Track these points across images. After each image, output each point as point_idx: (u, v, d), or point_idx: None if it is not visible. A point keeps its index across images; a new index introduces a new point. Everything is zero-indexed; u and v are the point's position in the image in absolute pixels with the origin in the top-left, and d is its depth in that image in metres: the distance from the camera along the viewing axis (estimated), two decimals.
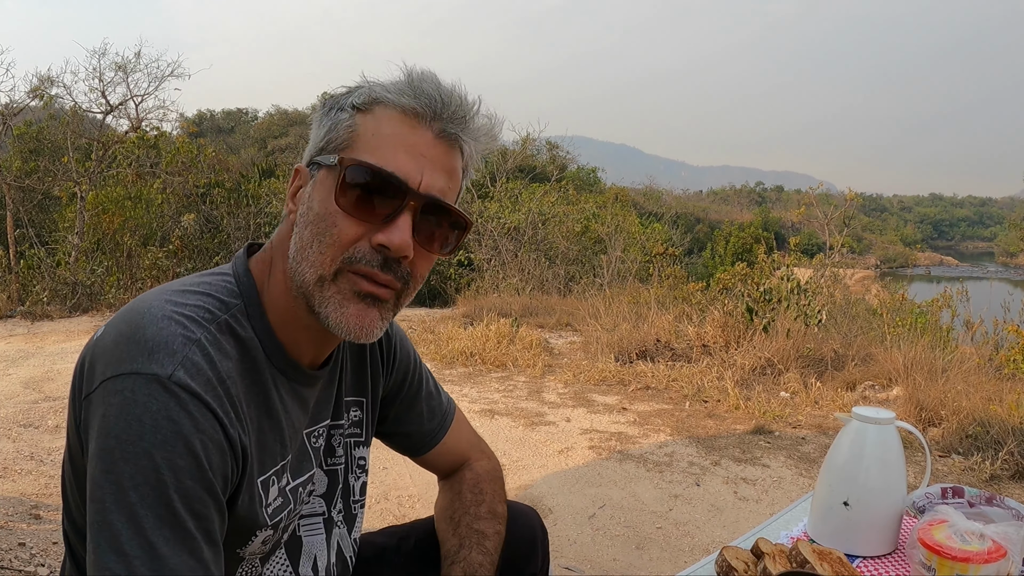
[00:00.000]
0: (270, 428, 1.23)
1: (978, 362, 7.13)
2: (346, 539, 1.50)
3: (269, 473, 1.24)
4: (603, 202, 21.51)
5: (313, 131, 1.25)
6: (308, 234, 1.17)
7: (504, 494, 1.67)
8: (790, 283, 8.73)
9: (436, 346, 8.88)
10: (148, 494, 0.99)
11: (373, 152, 1.16)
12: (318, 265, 1.16)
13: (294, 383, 1.28)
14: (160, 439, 1.01)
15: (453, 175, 1.22)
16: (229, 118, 58.29)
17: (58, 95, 14.99)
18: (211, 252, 16.29)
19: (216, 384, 1.09)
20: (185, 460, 1.02)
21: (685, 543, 4.13)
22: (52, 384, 7.13)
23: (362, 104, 1.19)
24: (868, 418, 1.72)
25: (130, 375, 1.03)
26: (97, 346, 1.11)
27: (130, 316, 1.11)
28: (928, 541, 1.53)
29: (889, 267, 44.53)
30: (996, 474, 4.94)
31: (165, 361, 1.04)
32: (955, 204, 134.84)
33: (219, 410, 1.08)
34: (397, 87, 1.19)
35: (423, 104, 1.17)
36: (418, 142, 1.17)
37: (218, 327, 1.15)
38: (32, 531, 3.95)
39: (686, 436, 5.83)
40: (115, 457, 1.00)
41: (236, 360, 1.16)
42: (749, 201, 74.12)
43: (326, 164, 1.18)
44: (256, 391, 1.20)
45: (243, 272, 1.26)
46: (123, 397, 1.02)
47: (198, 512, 1.04)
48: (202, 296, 1.18)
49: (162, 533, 0.99)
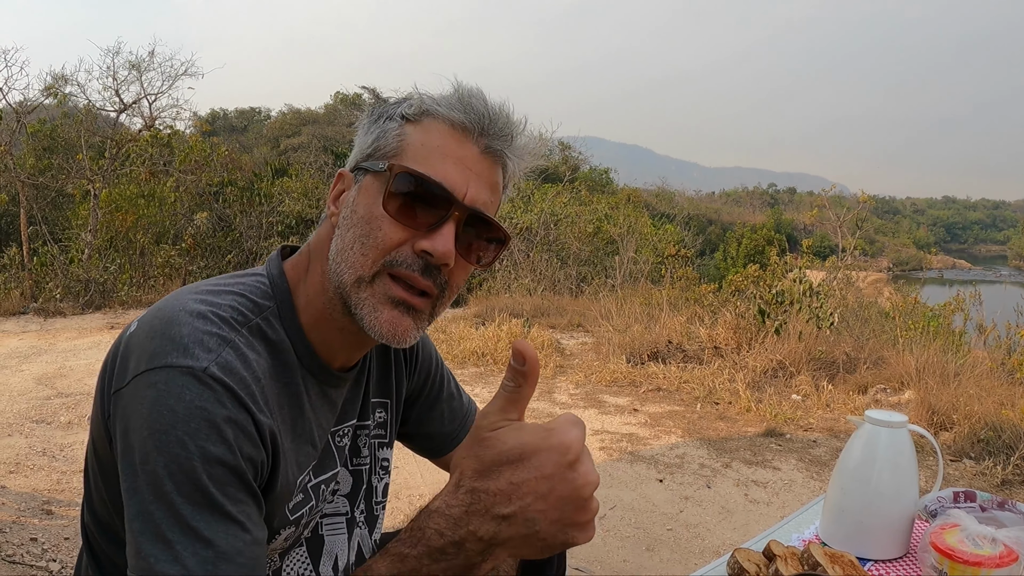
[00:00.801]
0: (302, 429, 1.24)
1: (990, 366, 7.11)
2: (367, 540, 1.50)
3: (305, 473, 1.25)
4: (615, 203, 21.51)
5: (360, 137, 1.26)
6: (351, 236, 1.18)
7: None
8: (802, 285, 8.72)
9: (448, 346, 8.89)
10: (183, 481, 0.99)
11: (421, 162, 1.17)
12: (358, 266, 1.17)
13: (324, 385, 1.28)
14: (193, 427, 1.01)
15: (495, 190, 1.24)
16: (242, 117, 58.41)
17: (72, 93, 15.09)
18: (224, 251, 16.34)
19: (250, 382, 1.09)
20: (218, 448, 1.02)
21: (695, 545, 4.12)
22: (64, 381, 7.16)
23: (412, 115, 1.21)
24: (880, 421, 1.72)
25: (164, 368, 1.03)
26: (131, 341, 1.12)
27: (164, 313, 1.11)
28: (940, 545, 1.53)
29: (902, 270, 44.37)
30: (1008, 479, 4.92)
31: (201, 356, 1.05)
32: (968, 207, 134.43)
33: (252, 405, 1.08)
34: (447, 101, 1.20)
35: (471, 119, 1.19)
36: (465, 155, 1.18)
37: (250, 330, 1.16)
38: (44, 526, 3.98)
39: (697, 438, 5.82)
40: (149, 447, 1.00)
41: (268, 362, 1.16)
42: (762, 203, 74.01)
43: (374, 170, 1.19)
44: (288, 392, 1.21)
45: (277, 274, 1.26)
46: (156, 390, 1.02)
47: (235, 497, 1.04)
48: (236, 296, 1.18)
49: (202, 517, 0.99)
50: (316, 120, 44.33)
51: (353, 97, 41.72)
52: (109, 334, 9.90)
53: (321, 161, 24.01)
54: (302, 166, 21.46)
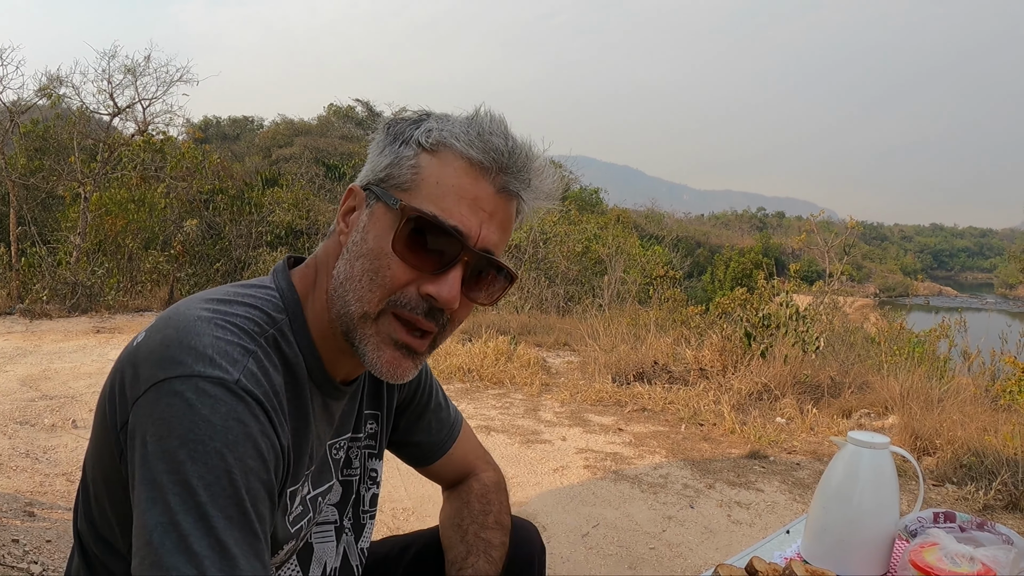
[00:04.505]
0: (304, 440, 1.24)
1: (974, 392, 7.15)
2: (352, 547, 1.51)
3: (298, 484, 1.25)
4: (604, 223, 21.58)
5: (373, 155, 1.24)
6: (359, 267, 1.18)
7: (508, 506, 1.68)
8: (789, 309, 8.75)
9: (434, 361, 8.87)
10: (219, 494, 0.98)
11: (436, 201, 1.15)
12: (365, 302, 1.17)
13: (327, 397, 1.29)
14: (232, 439, 1.00)
15: (507, 229, 1.23)
16: (235, 125, 58.33)
17: (66, 95, 15.06)
18: (212, 259, 16.33)
19: (272, 395, 1.10)
20: (255, 462, 1.02)
21: (678, 564, 4.13)
22: (49, 383, 7.14)
23: (429, 145, 1.18)
24: (863, 442, 1.74)
25: (191, 377, 1.02)
26: (140, 351, 1.09)
27: (178, 322, 1.10)
28: (919, 563, 1.55)
29: (888, 296, 44.53)
30: (990, 504, 4.94)
31: (228, 367, 1.04)
32: (955, 235, 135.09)
33: (275, 419, 1.09)
34: (467, 135, 1.18)
35: (490, 159, 1.17)
36: (480, 195, 1.17)
37: (267, 341, 1.15)
38: (26, 528, 3.96)
39: (681, 458, 5.84)
40: (181, 458, 0.98)
41: (283, 374, 1.16)
42: (750, 226, 74.23)
43: (386, 201, 1.18)
44: (297, 404, 1.21)
45: (287, 286, 1.26)
46: (185, 399, 1.00)
47: (262, 514, 1.03)
48: (249, 308, 1.18)
49: (232, 534, 0.97)
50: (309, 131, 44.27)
51: (346, 109, 41.74)
52: (95, 338, 9.87)
53: (312, 172, 24.01)
54: (293, 177, 21.47)
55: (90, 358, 8.38)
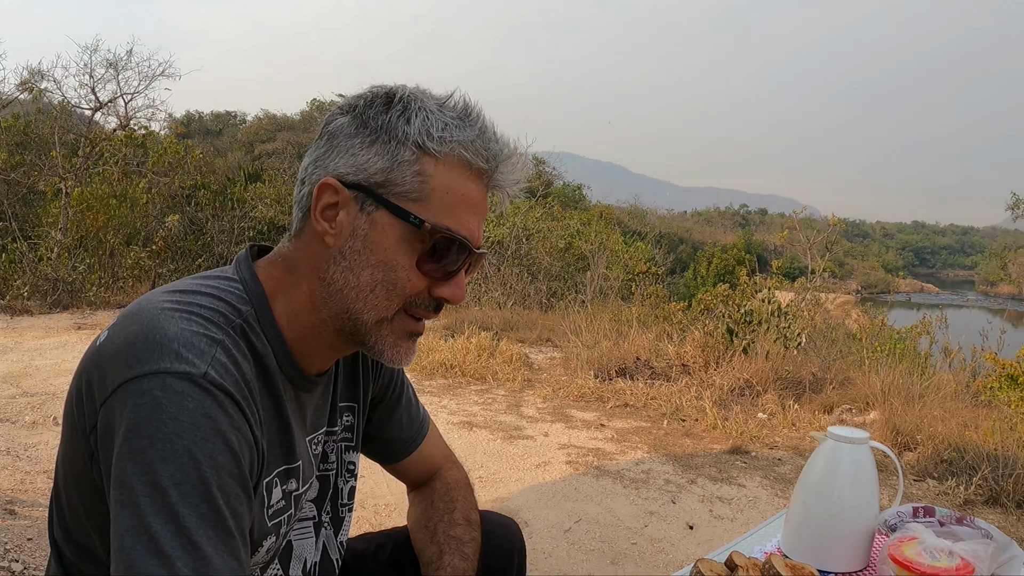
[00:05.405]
0: (278, 432, 1.23)
1: (955, 388, 7.20)
2: (332, 540, 1.50)
3: (272, 475, 1.23)
4: (588, 219, 21.59)
5: (349, 146, 1.19)
6: (368, 277, 1.18)
7: (475, 502, 1.68)
8: (771, 306, 8.78)
9: (416, 357, 8.78)
10: (190, 492, 0.97)
11: (448, 212, 1.18)
12: (381, 310, 1.20)
13: (299, 390, 1.29)
14: (200, 436, 0.99)
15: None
16: (217, 120, 58.15)
17: (48, 89, 14.94)
18: (194, 254, 16.24)
19: (243, 383, 1.09)
20: (225, 457, 1.01)
21: (660, 559, 4.14)
22: (30, 380, 7.09)
23: (434, 150, 1.16)
24: (843, 437, 1.75)
25: (157, 374, 1.01)
26: (103, 351, 1.09)
27: (140, 317, 1.09)
28: (898, 557, 1.56)
29: (870, 293, 44.74)
30: (970, 499, 4.98)
31: (195, 360, 1.03)
32: (937, 232, 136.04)
33: (247, 410, 1.08)
34: (473, 144, 1.18)
35: (492, 165, 1.21)
36: (477, 199, 1.21)
37: (234, 330, 1.14)
38: (7, 526, 3.93)
39: (663, 454, 5.85)
40: (150, 458, 0.97)
41: (252, 364, 1.15)
42: (733, 223, 74.51)
43: (394, 212, 1.16)
44: (269, 395, 1.20)
45: (250, 278, 1.24)
46: (152, 397, 0.99)
47: (236, 511, 1.03)
48: (213, 299, 1.16)
49: (205, 532, 0.96)
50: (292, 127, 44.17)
51: (329, 104, 41.79)
52: (76, 334, 9.80)
53: (295, 168, 23.92)
54: (276, 172, 21.36)
55: (71, 355, 8.32)
